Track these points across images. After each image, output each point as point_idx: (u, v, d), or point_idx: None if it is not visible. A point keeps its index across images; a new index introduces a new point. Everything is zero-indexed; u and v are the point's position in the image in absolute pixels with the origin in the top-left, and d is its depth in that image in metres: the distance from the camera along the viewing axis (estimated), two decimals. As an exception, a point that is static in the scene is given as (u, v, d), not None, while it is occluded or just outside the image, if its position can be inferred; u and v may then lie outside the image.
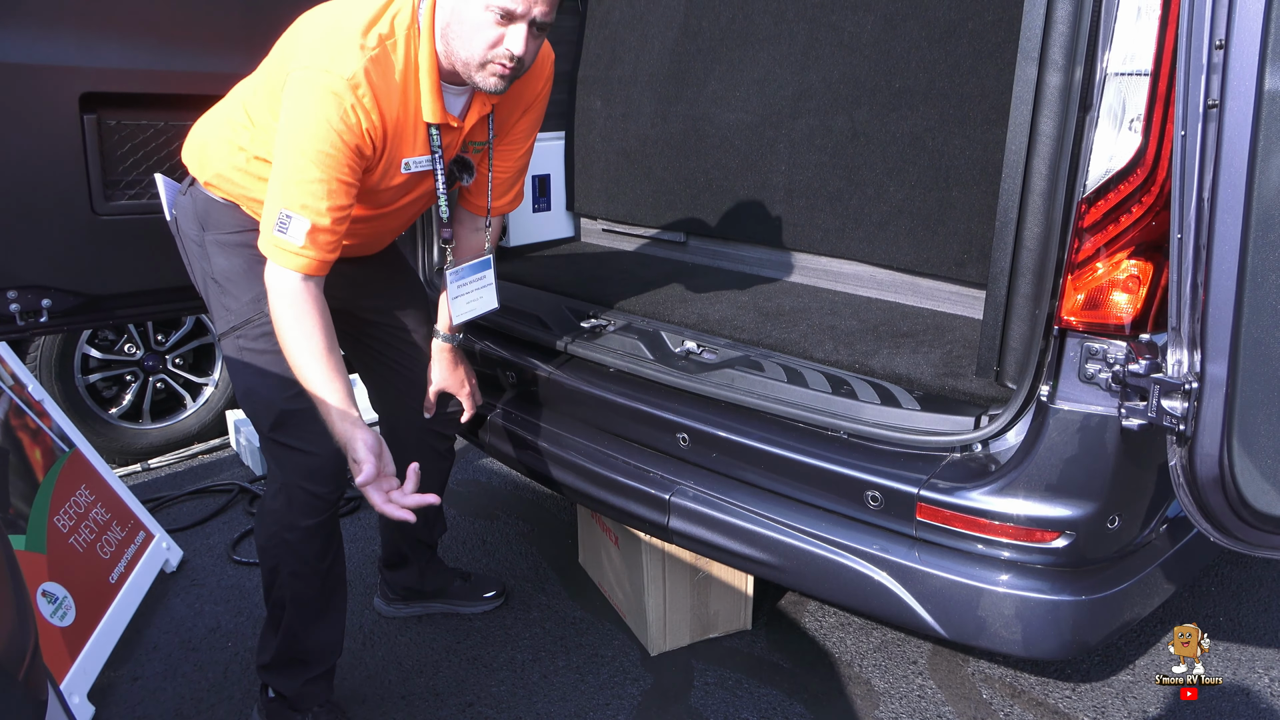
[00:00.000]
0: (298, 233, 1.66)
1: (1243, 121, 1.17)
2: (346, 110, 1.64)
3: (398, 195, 1.88)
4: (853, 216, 2.37)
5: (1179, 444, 1.32)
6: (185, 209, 1.94)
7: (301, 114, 1.65)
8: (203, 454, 3.54)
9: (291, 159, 1.66)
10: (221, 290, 1.90)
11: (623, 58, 2.88)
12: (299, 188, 1.65)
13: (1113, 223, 1.43)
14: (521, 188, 2.15)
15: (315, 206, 1.66)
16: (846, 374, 1.91)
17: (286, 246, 1.67)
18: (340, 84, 1.63)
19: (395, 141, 1.75)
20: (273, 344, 1.85)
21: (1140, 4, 1.36)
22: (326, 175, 1.65)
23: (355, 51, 1.65)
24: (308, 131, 1.64)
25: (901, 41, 2.26)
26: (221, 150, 1.87)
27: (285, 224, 1.66)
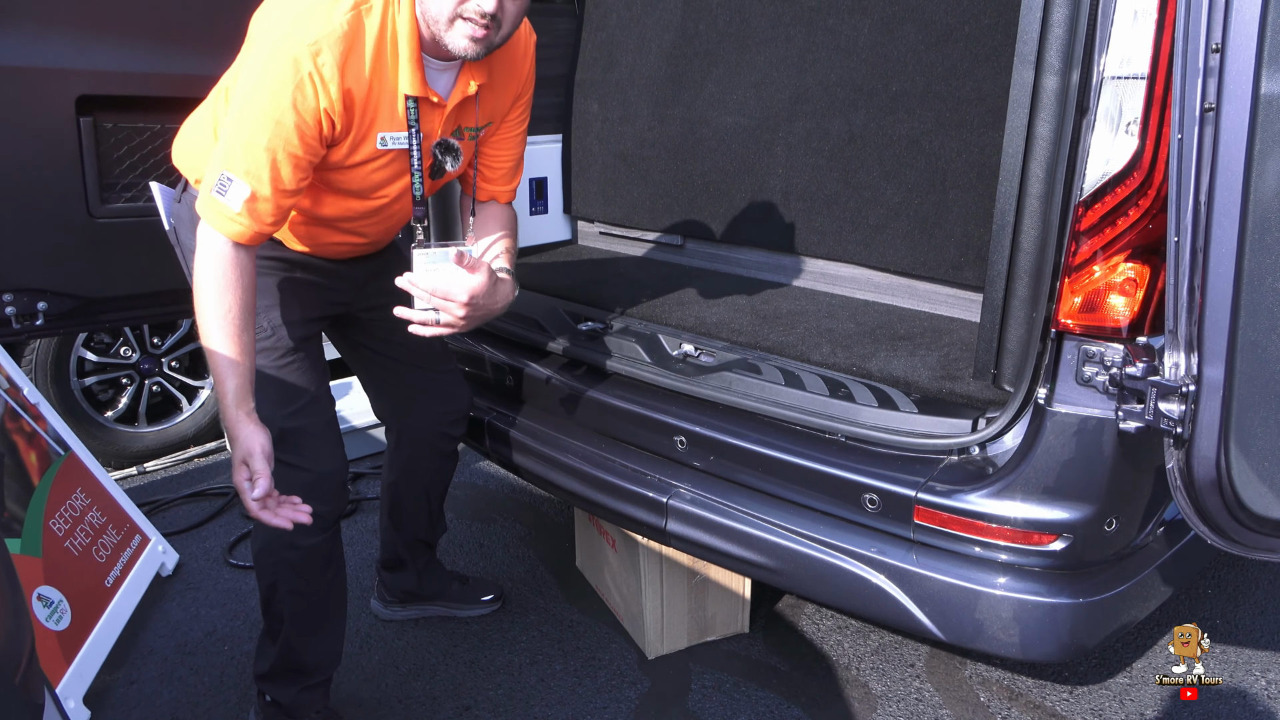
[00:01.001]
0: (236, 198, 1.59)
1: (1239, 125, 1.17)
2: (304, 79, 1.57)
3: (382, 180, 1.80)
4: (850, 219, 2.37)
5: (1176, 446, 1.33)
6: (183, 218, 1.88)
7: (259, 78, 1.58)
8: (198, 457, 3.53)
9: (242, 122, 1.59)
10: None
11: (620, 61, 2.88)
12: (244, 152, 1.59)
13: (1110, 226, 1.43)
14: (520, 175, 2.11)
15: (258, 174, 1.59)
16: (844, 377, 1.92)
17: (222, 211, 1.60)
18: (302, 50, 1.56)
19: (367, 114, 1.67)
20: (270, 359, 1.84)
21: (1137, 7, 1.36)
22: (273, 145, 1.58)
23: (323, 17, 1.59)
24: (262, 97, 1.58)
25: (898, 45, 2.26)
26: (209, 144, 1.79)
27: (225, 186, 1.60)
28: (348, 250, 1.96)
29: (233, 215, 1.60)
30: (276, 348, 1.84)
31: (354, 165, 1.73)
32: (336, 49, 1.58)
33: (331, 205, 1.81)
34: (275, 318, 1.84)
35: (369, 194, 1.82)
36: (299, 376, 1.87)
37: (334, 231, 1.88)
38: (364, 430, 3.46)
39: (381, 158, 1.75)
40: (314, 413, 1.90)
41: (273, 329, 1.84)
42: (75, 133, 2.17)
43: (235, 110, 1.61)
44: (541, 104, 3.10)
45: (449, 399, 2.22)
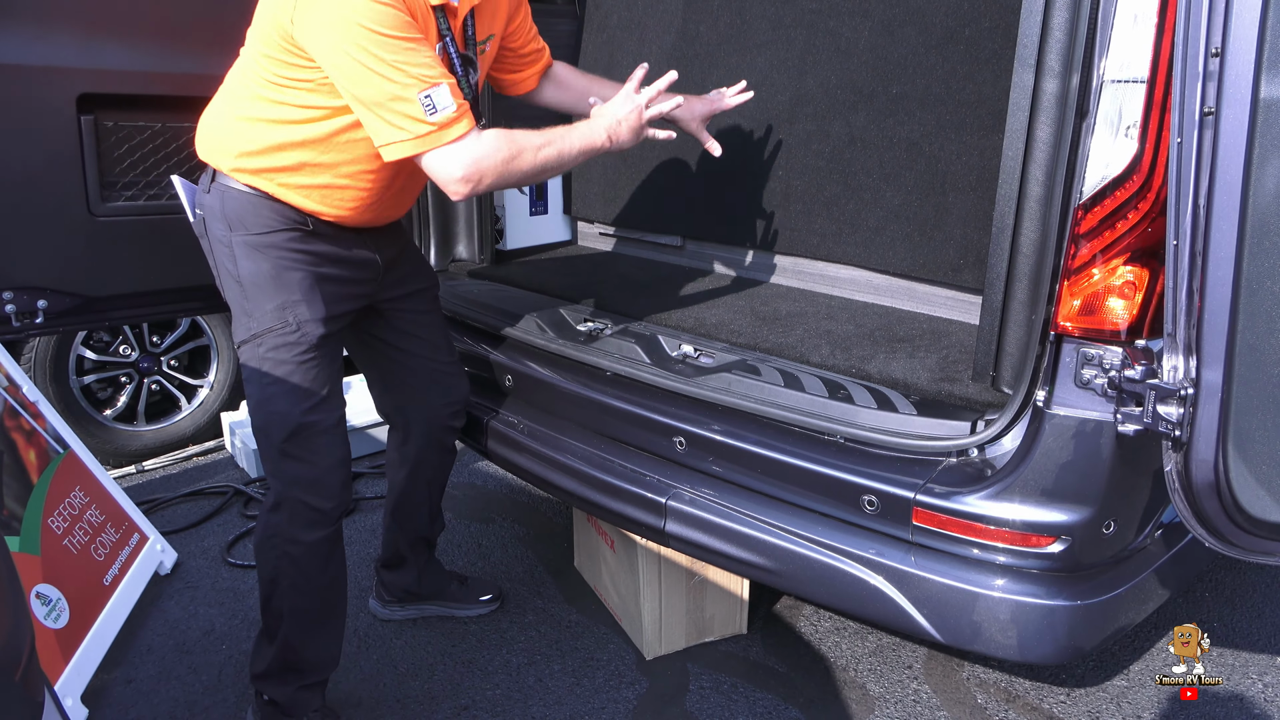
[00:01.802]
0: (445, 99, 1.62)
1: (1238, 129, 1.17)
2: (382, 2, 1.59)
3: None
4: (849, 221, 2.37)
5: (1175, 449, 1.33)
6: (213, 208, 1.88)
7: (350, 23, 1.58)
8: (197, 456, 3.53)
9: (375, 63, 1.60)
10: (244, 295, 1.86)
11: (620, 62, 2.89)
12: (406, 69, 1.61)
13: (1109, 229, 1.43)
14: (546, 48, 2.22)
15: (432, 71, 1.63)
16: (843, 379, 1.92)
17: (447, 118, 1.64)
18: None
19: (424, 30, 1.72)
20: (293, 354, 1.85)
21: (1137, 11, 1.36)
22: (412, 43, 1.62)
23: None
24: (373, 29, 1.58)
25: (899, 48, 2.26)
26: (237, 127, 1.83)
27: (430, 103, 1.62)
28: (382, 208, 1.95)
29: (457, 113, 1.65)
30: (300, 343, 1.85)
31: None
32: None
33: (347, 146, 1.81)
34: (302, 313, 1.85)
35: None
36: (318, 373, 1.89)
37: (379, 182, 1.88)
38: (363, 429, 3.46)
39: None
40: (327, 409, 1.92)
41: (299, 324, 1.85)
42: (76, 131, 2.17)
43: (363, 62, 1.60)
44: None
45: (450, 390, 2.25)
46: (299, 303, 1.85)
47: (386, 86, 1.62)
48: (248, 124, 1.80)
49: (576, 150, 1.80)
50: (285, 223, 1.84)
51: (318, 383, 1.90)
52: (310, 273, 1.87)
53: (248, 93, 1.80)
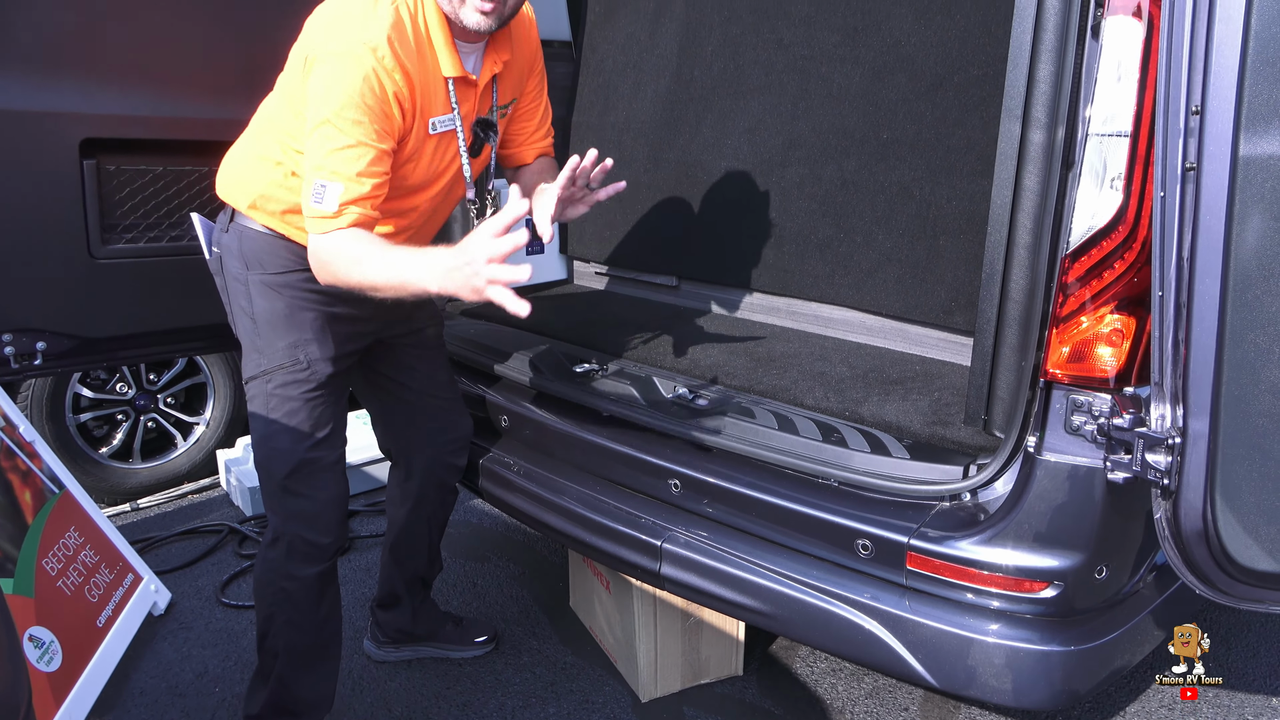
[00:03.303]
0: (332, 199, 1.67)
1: (1219, 185, 1.20)
2: (369, 75, 1.67)
3: (430, 170, 1.88)
4: (842, 263, 2.40)
5: (1164, 498, 1.34)
6: (230, 247, 1.94)
7: (327, 86, 1.68)
8: (192, 494, 3.52)
9: (322, 131, 1.68)
10: (257, 332, 1.91)
11: (616, 105, 2.93)
12: (330, 156, 1.67)
13: (1096, 278, 1.46)
14: (552, 131, 2.21)
15: (346, 172, 1.67)
16: (837, 421, 1.93)
17: (323, 214, 1.68)
18: (360, 50, 1.67)
19: (423, 104, 1.78)
20: (300, 391, 1.89)
21: (1120, 68, 1.40)
22: (356, 141, 1.67)
23: (370, 19, 1.70)
24: (334, 102, 1.66)
25: (889, 94, 2.31)
26: (256, 168, 1.89)
27: (320, 194, 1.68)
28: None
29: (333, 214, 1.67)
30: (309, 381, 1.89)
31: (412, 155, 1.82)
32: (390, 40, 1.70)
33: (391, 205, 1.86)
34: (313, 352, 1.89)
35: (425, 186, 1.90)
36: (324, 411, 1.93)
37: (390, 230, 1.92)
38: (360, 467, 3.46)
39: (431, 141, 1.85)
40: (329, 446, 1.96)
41: (309, 363, 1.89)
42: (79, 175, 2.19)
43: (314, 124, 1.69)
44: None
45: (453, 427, 2.27)
46: (310, 341, 1.90)
47: (309, 159, 1.70)
48: (268, 167, 1.86)
49: (409, 288, 1.66)
50: (300, 264, 1.87)
51: (322, 420, 1.93)
52: (322, 312, 1.91)
53: (270, 137, 1.86)
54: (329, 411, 1.94)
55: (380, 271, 1.66)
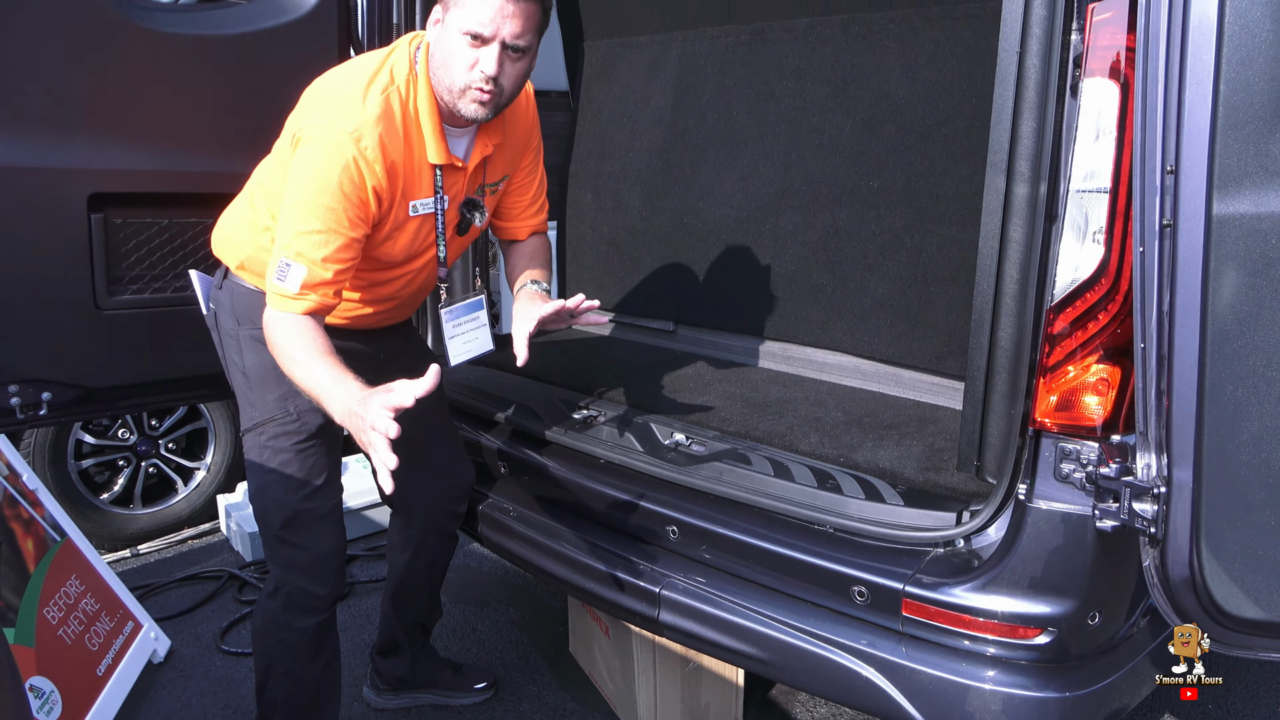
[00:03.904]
0: (294, 281, 1.71)
1: (1195, 242, 1.24)
2: (349, 164, 1.70)
3: (410, 249, 1.91)
4: (836, 309, 2.44)
5: (1151, 545, 1.37)
6: (223, 304, 2.00)
7: (307, 169, 1.72)
8: (192, 539, 3.53)
9: (295, 210, 1.72)
10: (249, 386, 1.95)
11: (612, 154, 2.99)
12: (299, 238, 1.71)
13: (1080, 329, 1.49)
14: (546, 204, 2.24)
15: (312, 256, 1.71)
16: (832, 468, 1.96)
17: (284, 293, 1.72)
18: (344, 139, 1.70)
19: (405, 189, 1.82)
20: (291, 442, 1.91)
21: (1098, 127, 1.45)
22: (326, 227, 1.71)
23: (358, 106, 1.74)
24: (312, 185, 1.71)
25: (879, 144, 2.36)
26: (246, 232, 1.94)
27: (284, 273, 1.72)
28: (378, 318, 2.05)
29: (293, 295, 1.72)
30: (299, 432, 1.92)
31: (391, 235, 1.86)
32: (375, 131, 1.73)
33: (369, 276, 1.92)
34: (302, 403, 1.91)
35: (403, 262, 1.94)
36: (315, 461, 1.95)
37: (370, 302, 1.98)
38: (358, 511, 3.48)
39: (412, 223, 1.88)
40: (323, 496, 1.98)
41: (299, 414, 1.91)
42: (86, 229, 2.24)
43: (287, 202, 1.73)
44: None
45: (454, 473, 2.29)
46: (299, 393, 1.89)
47: (280, 233, 1.74)
48: (257, 232, 1.90)
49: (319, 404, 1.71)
50: None
51: (315, 470, 1.95)
52: None
53: (261, 202, 1.91)
54: (322, 461, 1.96)
55: (304, 378, 1.70)
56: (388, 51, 1.85)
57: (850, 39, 2.42)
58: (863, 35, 2.39)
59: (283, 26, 2.41)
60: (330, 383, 1.65)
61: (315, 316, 1.75)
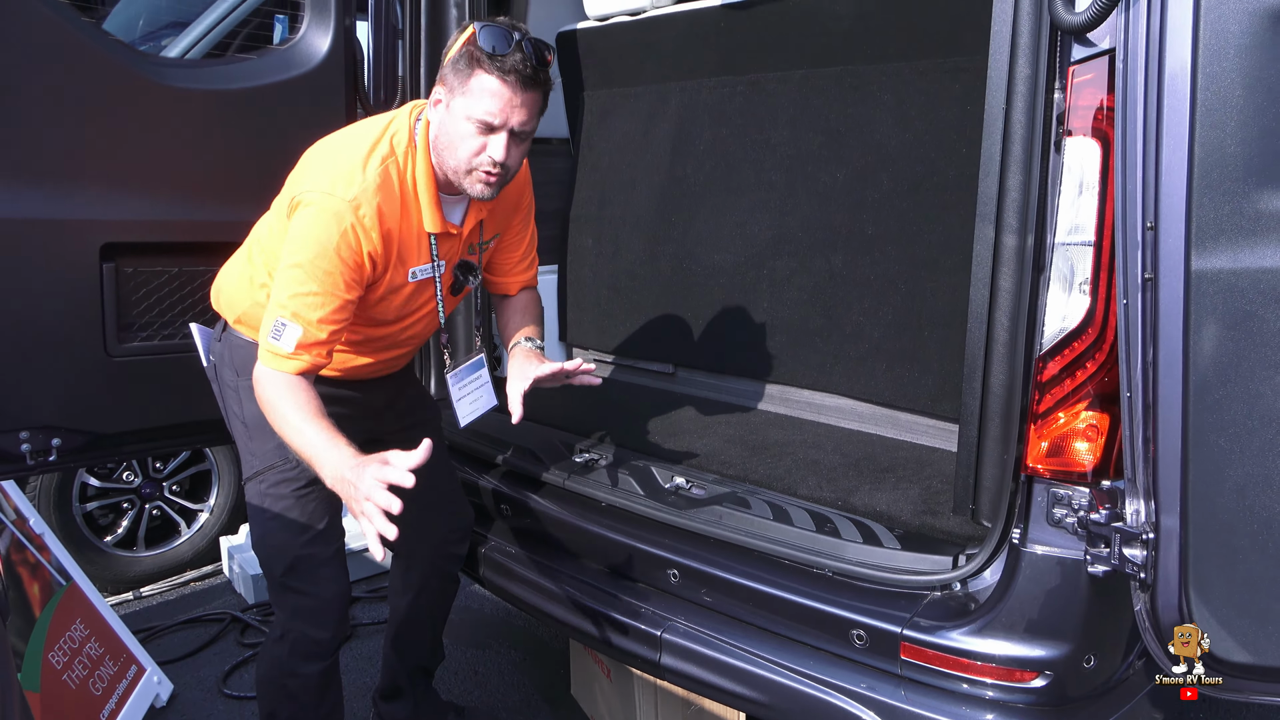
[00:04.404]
0: (289, 340, 1.74)
1: (1175, 295, 1.29)
2: (347, 230, 1.74)
3: (404, 308, 1.96)
4: (833, 353, 2.49)
5: (1142, 590, 1.39)
6: (223, 356, 2.04)
7: (305, 233, 1.76)
8: (195, 581, 3.54)
9: (292, 273, 1.75)
10: (249, 435, 1.98)
11: (613, 200, 3.05)
12: (295, 300, 1.75)
13: (1069, 377, 1.53)
14: (536, 260, 2.28)
15: (307, 317, 1.74)
16: (830, 511, 1.99)
17: (278, 351, 1.75)
18: (343, 206, 1.74)
19: (401, 254, 1.86)
20: (291, 489, 1.93)
21: (1081, 182, 1.50)
22: (322, 289, 1.75)
23: (359, 175, 1.77)
24: (309, 249, 1.74)
25: (873, 192, 2.42)
26: (244, 288, 1.98)
27: (279, 332, 1.75)
28: (374, 369, 2.08)
29: (287, 355, 1.75)
30: (299, 479, 1.94)
31: (386, 296, 1.90)
32: (374, 200, 1.77)
33: (364, 331, 1.96)
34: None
35: (398, 320, 1.98)
36: (316, 507, 1.97)
37: (365, 353, 2.02)
38: (359, 553, 3.49)
39: (409, 287, 1.92)
40: (324, 541, 1.99)
41: (297, 461, 1.92)
42: (98, 278, 2.29)
43: (287, 264, 1.77)
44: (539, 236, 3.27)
45: (453, 515, 2.31)
46: None
47: (276, 293, 1.78)
48: (254, 289, 1.95)
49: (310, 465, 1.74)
50: None
51: (316, 516, 1.97)
52: None
53: (259, 260, 1.95)
54: (322, 506, 1.98)
55: (296, 439, 1.72)
56: (388, 120, 1.89)
57: (844, 90, 2.49)
58: (856, 87, 2.46)
59: (291, 81, 2.47)
60: (323, 446, 1.68)
61: (306, 376, 1.78)
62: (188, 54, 2.81)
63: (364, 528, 1.58)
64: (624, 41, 2.94)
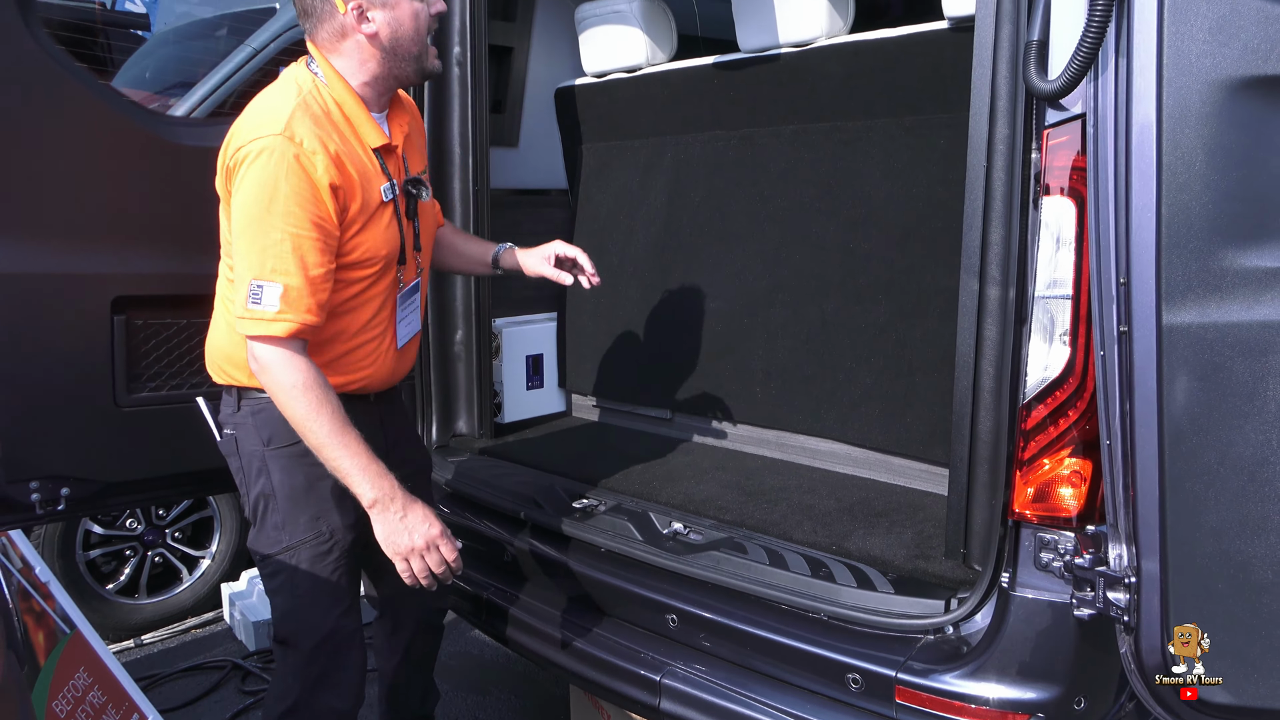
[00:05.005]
0: (271, 298, 1.64)
1: (1149, 348, 1.34)
2: (291, 160, 1.66)
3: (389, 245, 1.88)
4: (826, 398, 2.54)
5: (1126, 633, 1.43)
6: (244, 425, 1.92)
7: (250, 186, 1.67)
8: (195, 628, 3.55)
9: (251, 230, 1.66)
10: (276, 508, 1.90)
11: (610, 249, 3.13)
12: (263, 255, 1.65)
13: (1052, 424, 1.58)
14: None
15: (283, 267, 1.65)
16: (825, 556, 2.03)
17: (262, 315, 1.65)
18: (277, 141, 1.67)
19: (362, 176, 1.80)
20: (325, 563, 1.90)
21: (1059, 238, 1.56)
22: (287, 233, 1.65)
23: (282, 113, 1.72)
24: (261, 198, 1.65)
25: (863, 242, 2.49)
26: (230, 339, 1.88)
27: (257, 294, 1.65)
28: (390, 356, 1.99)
29: (273, 315, 1.66)
30: (332, 551, 1.92)
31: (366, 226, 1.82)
32: (307, 126, 1.72)
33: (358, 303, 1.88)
34: (334, 520, 1.91)
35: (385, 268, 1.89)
36: (350, 578, 1.98)
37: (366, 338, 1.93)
38: (361, 598, 3.51)
39: (384, 212, 1.86)
40: (355, 612, 2.00)
41: (331, 532, 1.91)
42: (109, 330, 2.34)
43: (243, 228, 1.69)
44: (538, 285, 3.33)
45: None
46: (331, 510, 1.91)
47: (242, 263, 1.69)
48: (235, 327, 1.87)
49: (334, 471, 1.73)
50: None
51: (350, 587, 1.98)
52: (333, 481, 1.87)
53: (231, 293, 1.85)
54: (354, 576, 2.00)
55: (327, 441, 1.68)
56: (283, 77, 1.86)
57: (834, 145, 2.57)
58: (845, 142, 2.55)
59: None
60: (365, 462, 1.70)
61: (303, 348, 1.70)
62: (193, 113, 2.89)
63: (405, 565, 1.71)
64: (621, 97, 3.04)
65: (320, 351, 1.85)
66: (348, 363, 1.92)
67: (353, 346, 1.92)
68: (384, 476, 1.73)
